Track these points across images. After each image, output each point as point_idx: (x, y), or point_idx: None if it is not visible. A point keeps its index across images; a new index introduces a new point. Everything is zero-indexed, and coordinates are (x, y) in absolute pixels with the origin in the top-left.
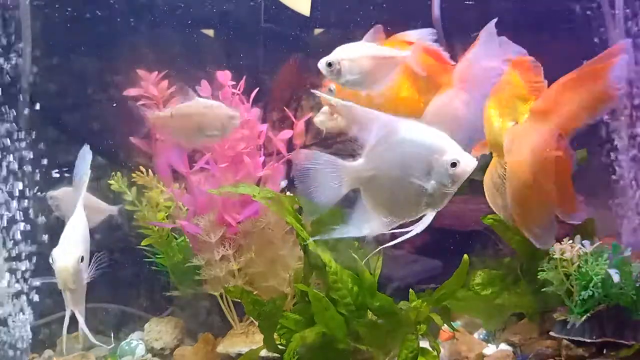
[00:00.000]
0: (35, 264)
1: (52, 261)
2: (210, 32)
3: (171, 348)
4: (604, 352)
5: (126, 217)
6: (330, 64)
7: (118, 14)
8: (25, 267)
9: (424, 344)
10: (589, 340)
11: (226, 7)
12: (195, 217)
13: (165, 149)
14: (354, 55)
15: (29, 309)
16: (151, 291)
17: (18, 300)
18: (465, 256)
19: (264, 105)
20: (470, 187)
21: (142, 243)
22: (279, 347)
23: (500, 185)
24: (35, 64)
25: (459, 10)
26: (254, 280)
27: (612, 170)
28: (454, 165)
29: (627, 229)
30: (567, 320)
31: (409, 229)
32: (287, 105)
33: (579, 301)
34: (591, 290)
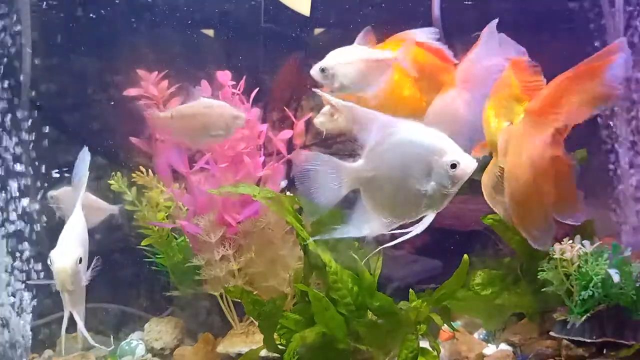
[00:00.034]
0: (36, 264)
1: (51, 262)
2: (210, 32)
3: (171, 348)
4: (604, 352)
5: (126, 217)
6: (323, 69)
7: (118, 14)
8: (26, 267)
9: (424, 344)
10: (589, 340)
11: (226, 7)
12: (195, 217)
13: (165, 149)
14: (346, 59)
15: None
16: (151, 291)
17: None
18: (465, 256)
19: (264, 105)
20: (470, 187)
21: (142, 243)
22: (279, 347)
23: (499, 185)
24: (35, 64)
25: (459, 10)
26: (254, 280)
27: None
28: (453, 166)
29: (627, 228)
30: (567, 320)
31: (409, 229)
32: (287, 105)
33: (579, 301)
34: (591, 290)
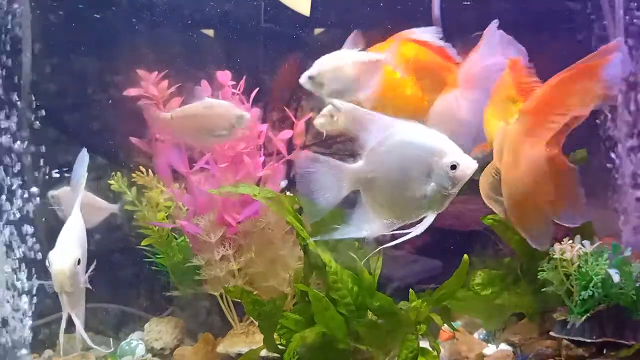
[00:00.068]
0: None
1: (49, 264)
2: (210, 32)
3: (171, 348)
4: (604, 352)
5: (126, 216)
6: (312, 77)
7: (118, 13)
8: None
9: (424, 344)
10: (589, 340)
11: (226, 7)
12: (195, 217)
13: (165, 149)
14: (334, 65)
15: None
16: (151, 291)
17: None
18: (465, 256)
19: (264, 105)
20: (470, 187)
21: (142, 243)
22: (279, 347)
23: (496, 185)
24: (36, 64)
25: (459, 10)
26: (254, 280)
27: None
28: (453, 167)
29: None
30: (567, 320)
31: (409, 230)
32: (287, 105)
33: (579, 301)
34: (591, 290)
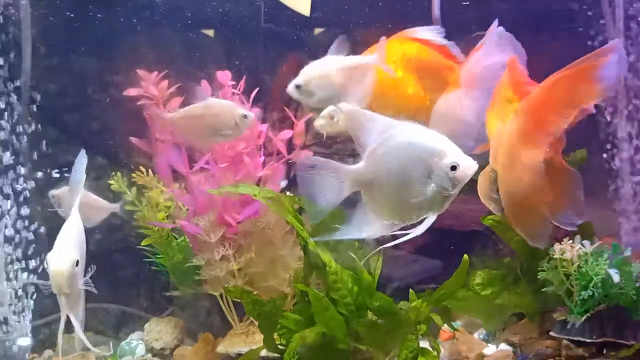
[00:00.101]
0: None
1: (47, 265)
2: (210, 32)
3: (171, 348)
4: (604, 352)
5: (126, 215)
6: (298, 86)
7: (118, 13)
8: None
9: (424, 344)
10: (589, 340)
11: (226, 7)
12: (195, 217)
13: (165, 149)
14: (321, 72)
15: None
16: (151, 291)
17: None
18: (465, 256)
19: (264, 105)
20: (470, 187)
21: (142, 243)
22: (279, 347)
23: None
24: (36, 64)
25: (459, 10)
26: (254, 280)
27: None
28: (453, 168)
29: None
30: (567, 320)
31: (410, 230)
32: (287, 105)
33: (579, 301)
34: (591, 290)
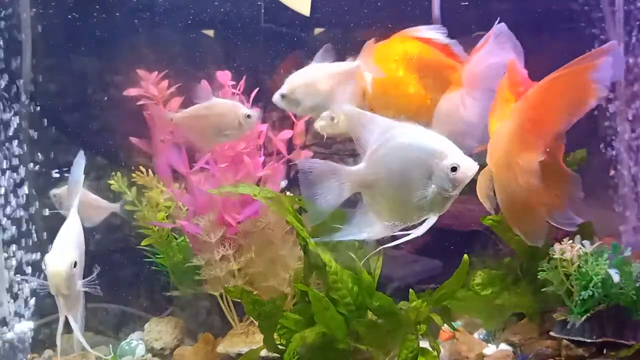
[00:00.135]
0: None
1: (45, 266)
2: (210, 32)
3: (171, 348)
4: (604, 352)
5: (126, 215)
6: (284, 95)
7: (119, 13)
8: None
9: (424, 344)
10: (589, 340)
11: (226, 7)
12: (195, 217)
13: (165, 149)
14: (306, 80)
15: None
16: (151, 291)
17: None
18: (465, 256)
19: (264, 105)
20: (469, 187)
21: (142, 243)
22: (279, 347)
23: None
24: (36, 64)
25: (459, 10)
26: (254, 280)
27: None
28: (454, 169)
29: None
30: (567, 320)
31: (410, 231)
32: None
33: (579, 301)
34: (591, 290)
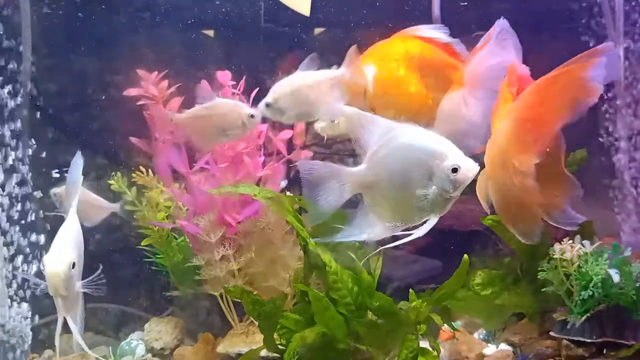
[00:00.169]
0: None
1: (43, 267)
2: (210, 32)
3: (171, 348)
4: (604, 352)
5: (126, 215)
6: (268, 104)
7: (119, 13)
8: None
9: (424, 344)
10: (589, 340)
11: (226, 7)
12: (195, 217)
13: (165, 149)
14: (290, 89)
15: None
16: (151, 291)
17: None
18: (465, 256)
19: None
20: (470, 187)
21: (142, 243)
22: (279, 347)
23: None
24: (36, 64)
25: (459, 9)
26: (254, 280)
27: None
28: (454, 170)
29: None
30: (567, 320)
31: (411, 232)
32: None
33: (579, 301)
34: (591, 290)
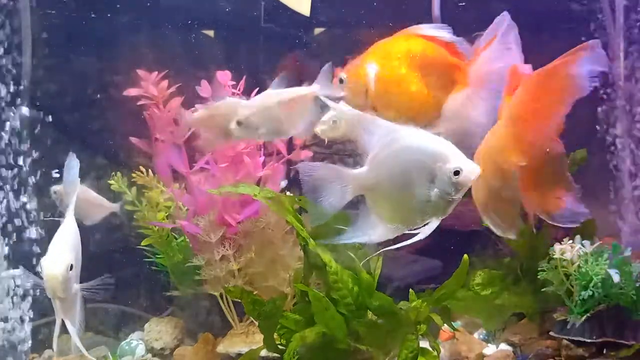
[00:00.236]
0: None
1: (41, 269)
2: (210, 33)
3: (171, 348)
4: (604, 352)
5: (126, 215)
6: (240, 122)
7: (119, 14)
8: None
9: (424, 344)
10: (589, 340)
11: (226, 7)
12: (195, 217)
13: (165, 149)
14: (261, 106)
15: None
16: (151, 291)
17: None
18: (465, 256)
19: None
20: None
21: (142, 243)
22: (279, 347)
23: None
24: (36, 64)
25: (459, 10)
26: (254, 280)
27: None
28: (456, 173)
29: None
30: (567, 320)
31: (412, 233)
32: None
33: (579, 301)
34: (591, 290)
